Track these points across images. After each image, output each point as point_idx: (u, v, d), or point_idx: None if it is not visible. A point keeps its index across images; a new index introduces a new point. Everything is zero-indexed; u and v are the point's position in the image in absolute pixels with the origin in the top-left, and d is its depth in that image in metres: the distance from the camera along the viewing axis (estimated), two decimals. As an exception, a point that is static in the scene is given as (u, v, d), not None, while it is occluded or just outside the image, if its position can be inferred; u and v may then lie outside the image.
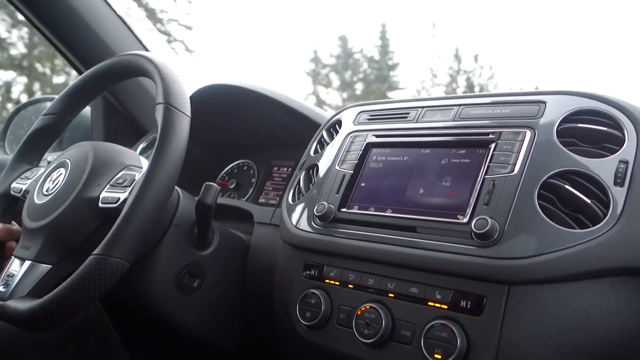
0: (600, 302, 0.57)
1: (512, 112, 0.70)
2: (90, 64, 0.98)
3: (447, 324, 0.61)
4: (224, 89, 1.09)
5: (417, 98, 0.84)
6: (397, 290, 0.67)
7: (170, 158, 0.67)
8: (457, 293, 0.62)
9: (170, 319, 0.84)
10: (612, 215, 0.57)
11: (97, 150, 0.77)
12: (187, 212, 0.82)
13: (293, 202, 0.84)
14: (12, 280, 0.70)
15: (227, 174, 1.20)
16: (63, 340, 0.96)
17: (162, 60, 0.75)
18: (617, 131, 0.62)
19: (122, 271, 0.63)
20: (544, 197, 0.60)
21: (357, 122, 0.86)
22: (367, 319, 0.67)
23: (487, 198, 0.63)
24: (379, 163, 0.77)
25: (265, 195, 1.10)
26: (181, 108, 0.70)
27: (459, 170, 0.68)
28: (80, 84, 0.87)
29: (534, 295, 0.57)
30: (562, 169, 0.61)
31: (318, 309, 0.72)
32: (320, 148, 0.88)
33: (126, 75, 0.84)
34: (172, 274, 0.81)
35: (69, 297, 0.62)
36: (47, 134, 0.89)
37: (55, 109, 0.88)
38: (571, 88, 0.68)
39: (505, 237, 0.59)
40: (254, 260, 0.92)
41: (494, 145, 0.67)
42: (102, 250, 0.62)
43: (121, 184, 0.72)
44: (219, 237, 0.87)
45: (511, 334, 0.58)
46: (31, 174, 0.85)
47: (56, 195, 0.74)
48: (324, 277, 0.74)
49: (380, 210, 0.72)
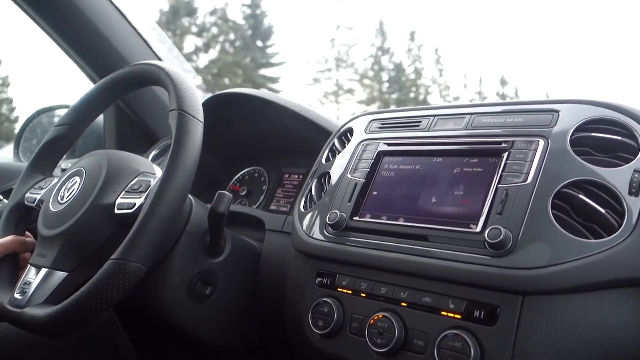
0: (616, 313, 0.57)
1: (524, 121, 0.69)
2: (103, 73, 0.99)
3: (461, 334, 0.60)
4: (235, 96, 1.10)
5: (429, 107, 0.84)
6: (410, 299, 0.67)
7: (185, 162, 0.67)
8: (470, 303, 0.62)
9: (182, 326, 0.84)
10: (627, 225, 0.57)
11: (111, 158, 0.78)
12: (199, 219, 0.83)
13: (305, 210, 0.84)
14: (29, 288, 0.70)
15: (238, 180, 1.21)
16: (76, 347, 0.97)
17: (175, 68, 0.76)
18: (631, 140, 0.62)
19: (139, 275, 0.63)
20: (557, 207, 0.60)
21: (368, 131, 0.86)
22: (379, 328, 0.67)
23: (500, 207, 0.63)
24: (390, 171, 0.77)
25: (276, 202, 1.10)
26: (194, 114, 0.71)
27: (472, 179, 0.68)
28: (93, 94, 0.88)
29: (548, 306, 0.57)
30: (576, 178, 0.61)
31: (330, 317, 0.72)
32: (331, 156, 0.89)
33: (139, 85, 0.85)
34: (185, 282, 0.82)
35: (87, 302, 0.62)
36: (60, 145, 0.90)
37: (68, 119, 0.89)
38: (585, 97, 0.68)
39: (518, 246, 0.59)
40: (266, 268, 0.92)
41: (507, 154, 0.67)
42: (120, 254, 0.63)
43: (137, 190, 0.73)
44: (231, 244, 0.88)
45: (525, 345, 0.57)
46: (45, 184, 0.86)
47: (72, 203, 0.75)
48: (336, 286, 0.74)
49: (393, 219, 0.72)
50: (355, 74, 23.62)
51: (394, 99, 23.52)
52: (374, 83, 23.64)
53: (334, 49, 23.50)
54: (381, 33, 23.70)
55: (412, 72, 24.18)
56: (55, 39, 1.21)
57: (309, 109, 1.04)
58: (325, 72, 23.23)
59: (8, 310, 0.70)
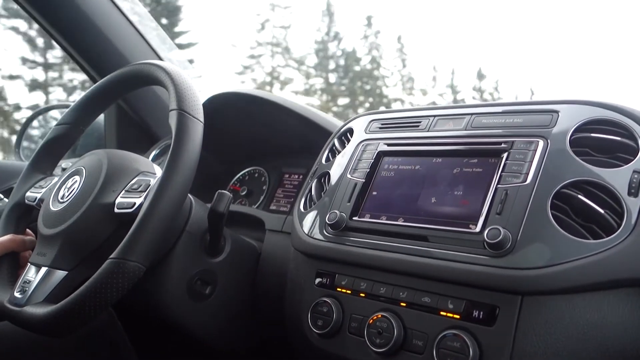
0: (614, 313, 0.57)
1: (524, 122, 0.69)
2: (104, 73, 0.99)
3: (460, 334, 0.60)
4: (235, 96, 1.10)
5: (429, 107, 0.84)
6: (409, 299, 0.67)
7: (185, 162, 0.68)
8: (469, 303, 0.62)
9: (182, 326, 0.84)
10: (626, 226, 0.57)
11: (111, 158, 0.78)
12: (199, 219, 0.83)
13: (304, 210, 0.84)
14: (29, 286, 0.70)
15: (238, 180, 1.21)
16: (77, 346, 0.97)
17: (175, 68, 0.76)
18: (630, 141, 0.62)
19: (138, 275, 0.64)
20: (557, 207, 0.60)
21: (368, 131, 0.86)
22: (379, 327, 0.67)
23: (499, 207, 0.63)
24: (390, 172, 0.77)
25: (277, 202, 1.10)
26: (195, 114, 0.71)
27: (471, 180, 0.68)
28: (94, 93, 0.88)
29: (548, 306, 0.57)
30: (576, 178, 0.61)
31: (330, 317, 0.72)
32: (331, 156, 0.89)
33: (139, 84, 0.85)
34: (185, 281, 0.82)
35: (86, 302, 0.62)
36: (61, 144, 0.90)
37: (69, 118, 0.89)
38: (584, 97, 0.68)
39: (518, 247, 0.59)
40: (265, 268, 0.92)
41: (507, 154, 0.67)
42: (119, 254, 0.63)
43: (136, 189, 0.73)
44: (231, 244, 0.88)
45: (524, 345, 0.57)
46: (45, 183, 0.86)
47: (72, 202, 0.75)
48: (336, 286, 0.74)
49: (392, 219, 0.72)
50: (292, 61, 21.63)
51: (343, 90, 21.54)
52: (317, 72, 21.57)
53: (267, 32, 21.48)
54: (329, 15, 21.76)
55: (368, 62, 22.48)
56: (56, 39, 1.21)
57: (310, 109, 1.04)
58: (258, 58, 21.33)
59: (8, 308, 0.70)
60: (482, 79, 24.04)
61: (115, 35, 1.22)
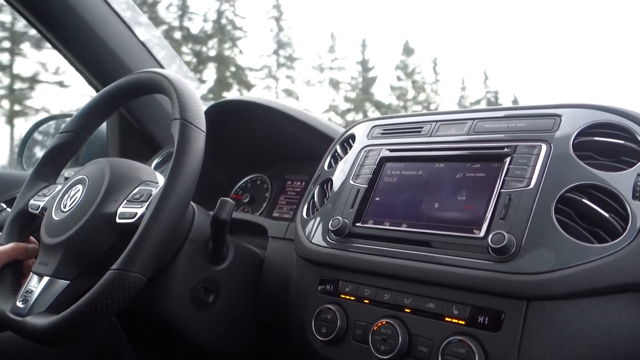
0: (621, 318, 0.56)
1: (527, 126, 0.69)
2: (107, 82, 0.99)
3: (465, 340, 0.60)
4: (238, 104, 1.10)
5: (431, 112, 0.84)
6: (414, 305, 0.66)
7: (186, 172, 0.68)
8: (474, 309, 0.61)
9: (185, 334, 0.84)
10: (631, 230, 0.56)
11: (113, 167, 0.78)
12: (202, 227, 0.82)
13: (307, 216, 0.84)
14: (31, 296, 0.70)
15: (240, 188, 1.21)
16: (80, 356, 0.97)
17: (178, 77, 0.76)
18: (634, 144, 0.62)
19: (139, 286, 0.63)
20: (561, 212, 0.60)
21: (370, 137, 0.86)
22: (383, 334, 0.66)
23: (503, 212, 0.62)
24: (393, 177, 0.77)
25: (279, 209, 1.10)
26: (197, 123, 0.71)
27: (475, 184, 0.68)
28: (97, 102, 0.89)
29: (553, 311, 0.57)
30: (579, 182, 0.60)
31: (334, 324, 0.72)
32: (334, 162, 0.88)
33: (142, 93, 0.85)
34: (188, 289, 0.81)
35: (88, 312, 0.62)
36: (64, 152, 0.90)
37: (72, 126, 0.89)
38: (587, 101, 0.68)
39: (522, 251, 0.58)
40: (269, 275, 0.92)
41: (510, 159, 0.67)
42: (120, 265, 0.63)
43: (138, 199, 0.73)
44: (234, 251, 0.87)
45: (530, 350, 0.57)
46: (48, 191, 0.86)
47: (74, 212, 0.75)
48: (340, 292, 0.74)
49: (396, 225, 0.71)
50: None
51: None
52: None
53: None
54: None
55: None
56: (58, 48, 1.22)
57: (311, 116, 1.04)
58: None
59: (10, 318, 0.70)
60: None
61: (118, 45, 1.23)
